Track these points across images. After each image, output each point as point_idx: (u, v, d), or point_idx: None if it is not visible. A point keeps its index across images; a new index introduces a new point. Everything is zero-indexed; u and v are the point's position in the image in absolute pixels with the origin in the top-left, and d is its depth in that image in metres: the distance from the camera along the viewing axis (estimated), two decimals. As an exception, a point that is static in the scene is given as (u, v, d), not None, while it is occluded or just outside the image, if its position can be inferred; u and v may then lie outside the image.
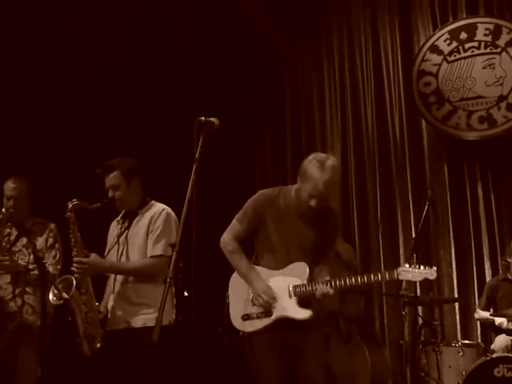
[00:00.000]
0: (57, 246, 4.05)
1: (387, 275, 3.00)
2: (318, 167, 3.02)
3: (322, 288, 3.06)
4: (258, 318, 3.13)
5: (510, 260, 5.15)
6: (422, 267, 3.00)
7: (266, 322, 3.11)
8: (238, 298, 3.22)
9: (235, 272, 3.28)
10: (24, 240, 3.97)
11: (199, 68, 6.25)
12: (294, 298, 3.12)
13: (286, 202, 3.22)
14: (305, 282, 3.11)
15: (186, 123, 2.84)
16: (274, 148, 6.78)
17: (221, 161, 6.22)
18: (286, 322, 3.11)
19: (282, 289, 3.13)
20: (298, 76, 6.82)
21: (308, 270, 3.13)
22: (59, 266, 3.96)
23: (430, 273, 3.00)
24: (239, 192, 5.63)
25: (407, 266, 3.01)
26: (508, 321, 4.95)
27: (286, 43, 6.55)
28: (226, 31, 6.40)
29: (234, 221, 3.30)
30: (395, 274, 2.99)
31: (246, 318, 3.16)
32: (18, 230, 4.00)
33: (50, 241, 4.04)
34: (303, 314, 3.09)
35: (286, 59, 6.71)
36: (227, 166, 6.58)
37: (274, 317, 3.11)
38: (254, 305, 3.15)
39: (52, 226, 4.09)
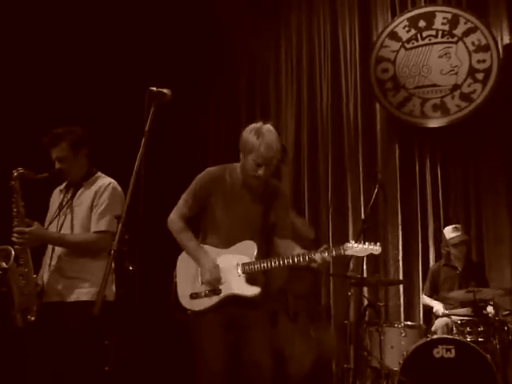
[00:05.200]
0: None
1: (334, 251, 3.03)
2: (255, 135, 3.11)
3: (269, 265, 3.07)
4: (206, 296, 3.12)
5: (447, 249, 5.32)
6: (367, 243, 3.08)
7: (214, 299, 3.11)
8: (187, 277, 3.19)
9: (183, 251, 3.25)
10: None
11: (154, 38, 6.11)
12: (242, 275, 3.12)
13: (232, 180, 3.22)
14: (253, 259, 3.12)
15: (138, 93, 2.76)
16: (227, 124, 6.72)
17: (174, 133, 6.12)
18: (233, 300, 3.11)
19: (231, 267, 3.13)
20: (255, 54, 6.76)
21: (256, 247, 3.14)
22: None
23: (375, 249, 3.07)
24: (191, 166, 5.56)
25: (353, 242, 3.07)
26: (444, 306, 5.12)
27: (244, 21, 6.47)
28: (184, 3, 6.28)
29: (181, 200, 3.27)
30: (342, 249, 3.03)
31: (195, 296, 3.14)
32: None
33: None
34: (252, 290, 3.10)
35: (244, 37, 6.62)
36: (180, 138, 6.48)
37: (222, 294, 3.10)
38: (202, 283, 3.14)
39: None
